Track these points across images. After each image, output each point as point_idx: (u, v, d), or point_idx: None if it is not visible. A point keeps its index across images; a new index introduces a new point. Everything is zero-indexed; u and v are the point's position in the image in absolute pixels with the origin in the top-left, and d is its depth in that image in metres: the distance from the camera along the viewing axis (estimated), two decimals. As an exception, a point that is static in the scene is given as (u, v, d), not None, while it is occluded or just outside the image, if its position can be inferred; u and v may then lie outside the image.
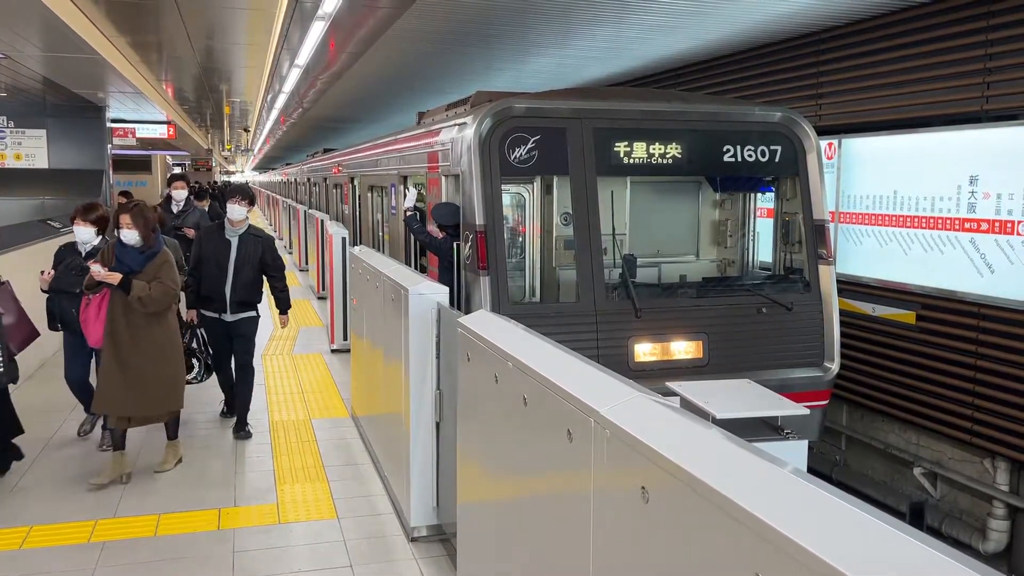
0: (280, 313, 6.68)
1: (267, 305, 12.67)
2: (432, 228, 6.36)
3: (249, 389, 6.52)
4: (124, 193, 10.84)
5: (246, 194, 6.42)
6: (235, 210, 6.27)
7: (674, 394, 4.72)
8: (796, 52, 8.15)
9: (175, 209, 8.98)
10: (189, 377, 6.09)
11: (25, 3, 7.19)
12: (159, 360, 5.36)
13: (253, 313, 6.44)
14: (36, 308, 6.21)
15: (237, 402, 6.49)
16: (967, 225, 6.35)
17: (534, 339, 3.16)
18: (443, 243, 6.11)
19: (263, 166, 63.13)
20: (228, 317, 6.30)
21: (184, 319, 6.21)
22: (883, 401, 7.19)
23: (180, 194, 8.92)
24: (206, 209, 10.56)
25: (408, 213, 6.93)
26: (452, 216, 6.01)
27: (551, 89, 8.33)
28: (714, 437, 2.00)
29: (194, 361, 6.21)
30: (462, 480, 3.78)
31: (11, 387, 5.52)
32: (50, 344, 8.83)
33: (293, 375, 8.28)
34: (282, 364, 8.76)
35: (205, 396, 7.42)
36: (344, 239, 9.60)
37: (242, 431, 6.37)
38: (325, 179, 17.58)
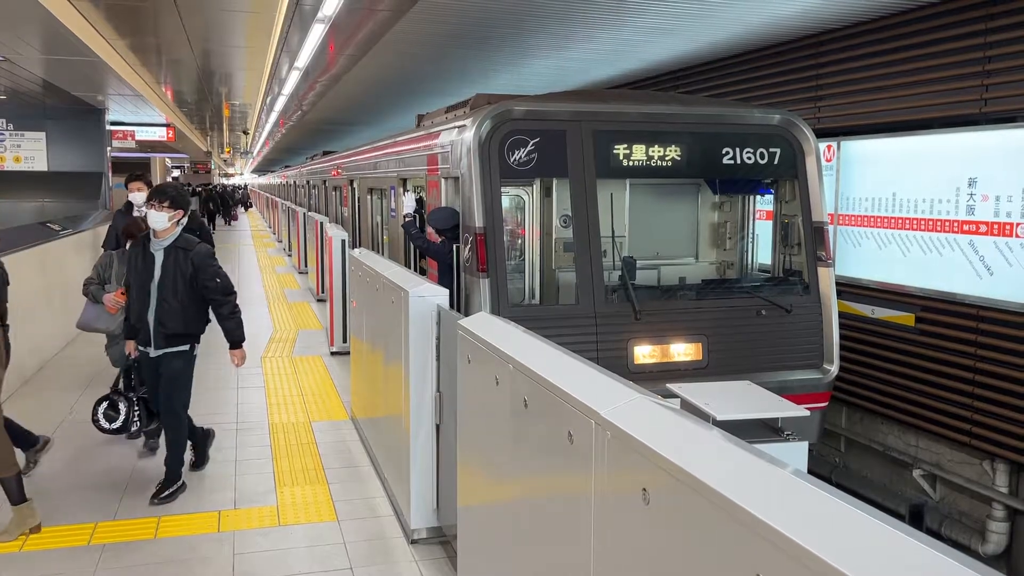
0: (231, 347, 5.33)
1: (267, 311, 12.68)
2: (430, 232, 6.37)
3: (178, 445, 5.21)
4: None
5: (166, 195, 5.05)
6: (153, 217, 5.00)
7: (674, 396, 4.73)
8: (795, 54, 8.17)
9: (137, 215, 7.27)
10: (114, 426, 5.24)
11: (25, 6, 7.20)
12: None
13: (183, 348, 5.16)
14: (28, 312, 6.15)
15: (166, 457, 5.23)
16: (966, 227, 6.36)
17: (534, 341, 3.16)
18: (441, 247, 6.11)
19: (262, 169, 63.18)
20: (153, 352, 5.11)
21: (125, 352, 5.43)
22: (882, 403, 7.20)
23: (138, 197, 7.18)
24: (186, 221, 9.28)
25: (406, 219, 6.94)
26: (449, 220, 6.03)
27: (550, 92, 8.34)
28: (715, 438, 2.00)
29: (121, 406, 5.24)
30: (462, 482, 3.78)
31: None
32: (50, 346, 8.84)
33: (293, 377, 8.28)
34: (282, 366, 8.76)
35: (214, 399, 7.42)
36: (344, 241, 9.60)
37: (164, 494, 5.08)
38: (324, 182, 17.59)
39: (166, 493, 5.09)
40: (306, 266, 16.05)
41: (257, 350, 9.50)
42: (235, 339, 5.29)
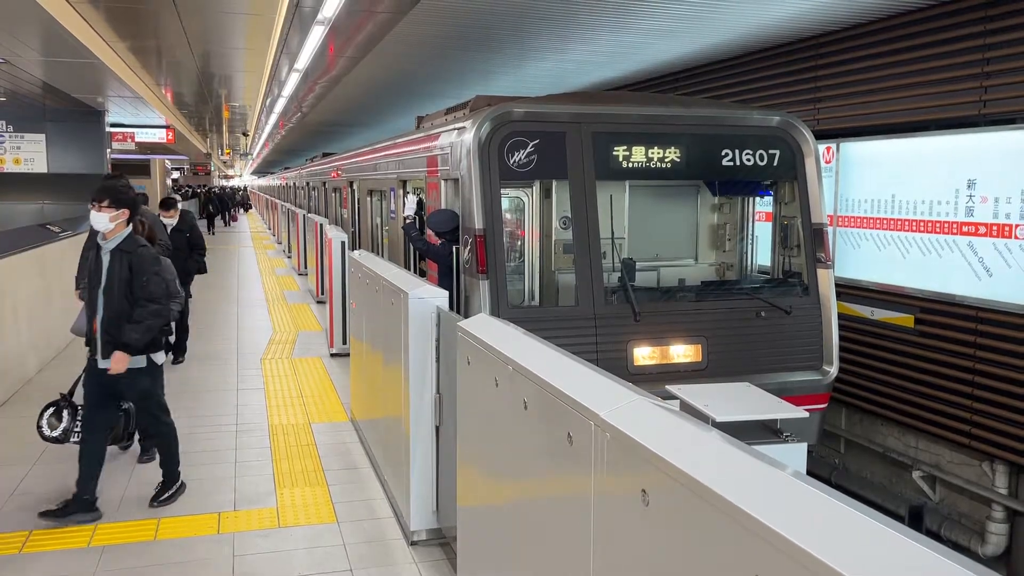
0: (118, 346, 4.75)
1: (267, 312, 12.68)
2: (429, 234, 6.38)
3: (170, 449, 5.17)
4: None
5: (105, 193, 4.75)
6: (94, 218, 4.75)
7: (674, 397, 4.73)
8: (794, 56, 8.18)
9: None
10: (54, 434, 4.96)
11: (25, 8, 7.21)
12: None
13: (140, 363, 4.86)
14: (25, 317, 6.11)
15: (161, 460, 5.21)
16: (965, 229, 6.37)
17: (534, 343, 3.17)
18: (441, 249, 6.12)
19: (262, 170, 63.20)
20: (102, 362, 4.82)
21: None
22: (882, 404, 7.20)
23: None
24: (174, 222, 8.76)
25: (407, 221, 6.95)
26: (448, 222, 6.03)
27: (550, 93, 8.35)
28: (714, 440, 2.01)
29: (65, 413, 4.98)
30: (462, 484, 3.78)
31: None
32: (51, 347, 8.84)
33: (292, 379, 8.28)
34: (281, 368, 8.76)
35: (214, 401, 7.43)
36: (343, 243, 9.61)
37: (163, 496, 5.09)
38: (324, 183, 17.60)
39: (165, 496, 5.10)
40: (306, 268, 16.06)
41: (257, 351, 9.51)
42: (127, 341, 4.74)
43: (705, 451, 1.94)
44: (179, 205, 11.57)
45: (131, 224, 4.89)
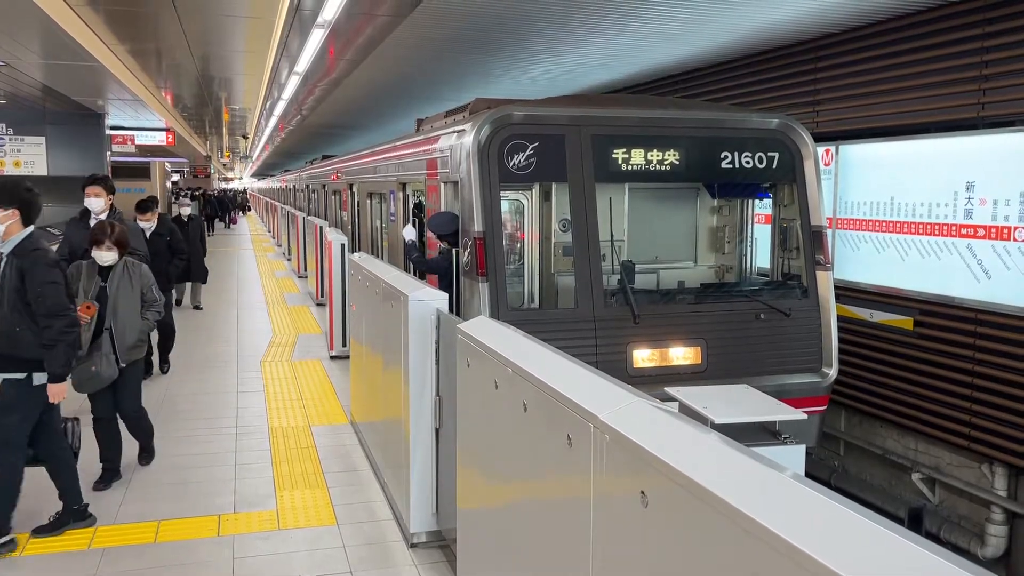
0: (48, 379, 4.41)
1: (267, 315, 12.68)
2: (429, 236, 6.39)
3: (6, 482, 4.47)
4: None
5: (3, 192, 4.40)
6: None
7: (673, 399, 4.74)
8: (793, 59, 8.19)
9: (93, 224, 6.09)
10: None
11: (25, 11, 7.22)
12: None
13: (17, 375, 4.38)
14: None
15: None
16: (964, 231, 6.38)
17: (533, 345, 3.17)
18: (442, 261, 6.12)
19: (262, 173, 63.22)
20: None
21: None
22: (881, 407, 7.21)
23: (96, 203, 6.47)
24: (153, 224, 8.56)
25: (408, 243, 6.99)
26: (448, 225, 6.04)
27: (549, 96, 8.37)
28: (712, 442, 2.01)
29: None
30: (462, 486, 3.79)
31: None
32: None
33: (292, 381, 8.29)
34: (281, 371, 8.76)
35: (214, 403, 7.43)
36: (343, 245, 9.62)
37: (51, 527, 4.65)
38: (324, 186, 17.61)
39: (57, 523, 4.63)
40: (305, 270, 16.06)
41: (257, 354, 9.51)
42: (50, 370, 4.38)
43: (704, 453, 1.94)
44: (188, 209, 11.48)
45: (29, 226, 4.46)
